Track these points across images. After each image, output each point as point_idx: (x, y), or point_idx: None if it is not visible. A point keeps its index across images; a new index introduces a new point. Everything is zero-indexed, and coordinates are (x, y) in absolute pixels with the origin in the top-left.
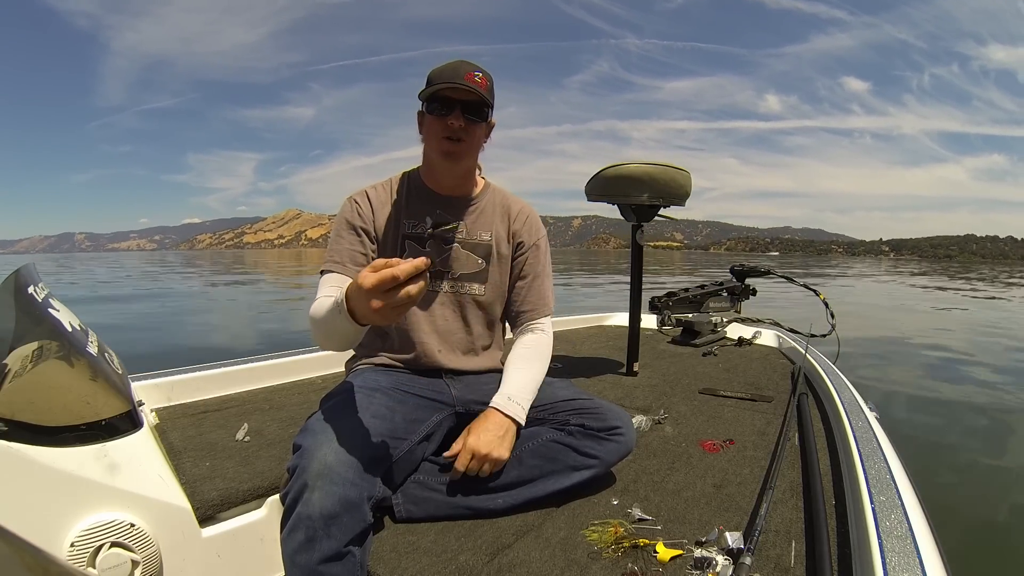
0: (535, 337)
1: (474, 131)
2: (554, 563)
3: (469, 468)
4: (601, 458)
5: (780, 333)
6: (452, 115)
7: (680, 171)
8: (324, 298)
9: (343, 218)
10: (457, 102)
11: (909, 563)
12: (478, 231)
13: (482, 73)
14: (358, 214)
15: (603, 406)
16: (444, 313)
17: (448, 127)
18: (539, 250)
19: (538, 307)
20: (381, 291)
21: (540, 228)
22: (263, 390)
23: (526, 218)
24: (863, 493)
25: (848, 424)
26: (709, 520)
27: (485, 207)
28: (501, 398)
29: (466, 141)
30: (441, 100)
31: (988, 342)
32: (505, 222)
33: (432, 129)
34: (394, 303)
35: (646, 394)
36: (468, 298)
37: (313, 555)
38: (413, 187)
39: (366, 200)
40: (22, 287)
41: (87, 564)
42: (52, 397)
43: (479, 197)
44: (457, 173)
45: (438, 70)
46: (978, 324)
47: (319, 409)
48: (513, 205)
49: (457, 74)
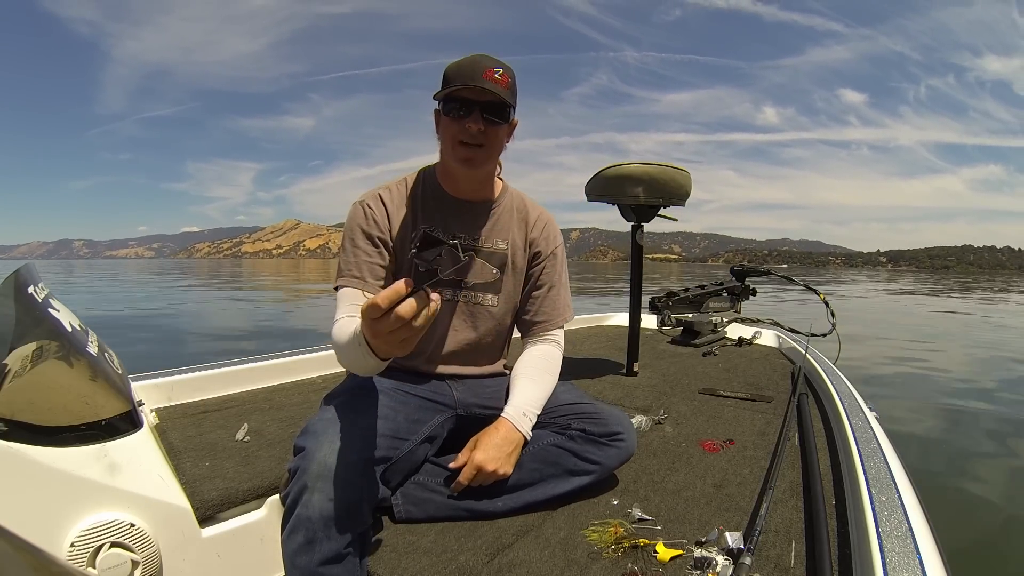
0: (548, 349)
1: (495, 134)
2: (554, 563)
3: (472, 482)
4: (602, 463)
5: (780, 333)
6: (470, 118)
7: (680, 171)
8: (345, 319)
9: (355, 225)
10: (476, 103)
11: (909, 563)
12: (494, 239)
13: (503, 69)
14: (373, 220)
15: (604, 411)
16: (454, 323)
17: (466, 131)
18: (556, 259)
19: (552, 318)
20: (372, 320)
21: (558, 236)
22: (263, 390)
23: (544, 226)
24: (863, 493)
25: (848, 424)
26: (709, 520)
27: (502, 214)
28: (515, 411)
29: (486, 146)
30: (459, 101)
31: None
32: (523, 230)
33: (449, 132)
34: (389, 328)
35: (646, 394)
36: (480, 309)
37: (313, 557)
38: (429, 189)
39: (379, 204)
40: (22, 287)
41: (87, 564)
42: (52, 397)
43: (497, 203)
44: (476, 178)
45: (455, 66)
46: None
47: (320, 410)
48: (531, 212)
49: (476, 72)
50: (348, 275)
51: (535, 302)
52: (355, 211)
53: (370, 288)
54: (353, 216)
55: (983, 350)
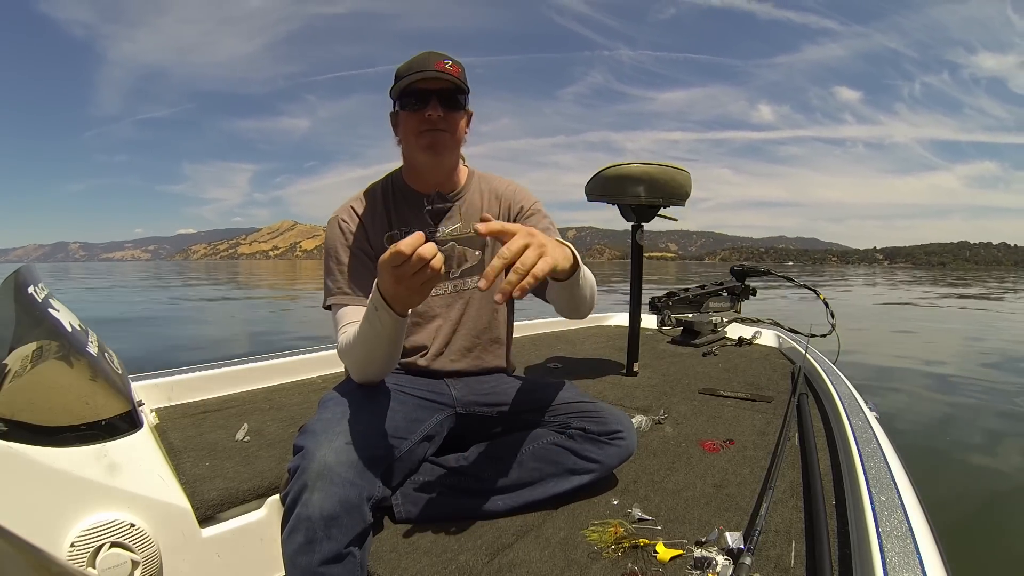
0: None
1: (454, 120)
2: (554, 563)
3: (520, 255)
4: (601, 462)
5: (780, 333)
6: (429, 107)
7: (680, 171)
8: (349, 325)
9: (335, 244)
10: (432, 92)
11: (909, 563)
12: (471, 224)
13: (452, 61)
14: (351, 234)
15: (604, 410)
16: (449, 313)
17: (426, 120)
18: (541, 214)
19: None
20: (394, 268)
21: (531, 197)
22: (263, 390)
23: (515, 191)
24: (863, 493)
25: (848, 424)
26: (709, 520)
27: (472, 198)
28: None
29: (448, 131)
30: (415, 93)
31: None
32: (495, 204)
33: (409, 125)
34: (413, 270)
35: (646, 394)
36: (470, 292)
37: (313, 557)
38: (398, 192)
39: (353, 216)
40: (22, 287)
41: (87, 564)
42: (52, 397)
43: (465, 188)
44: (443, 168)
45: (406, 64)
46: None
47: (319, 409)
48: (499, 186)
49: (427, 64)
50: (339, 292)
51: None
52: (331, 229)
53: (363, 301)
54: (331, 235)
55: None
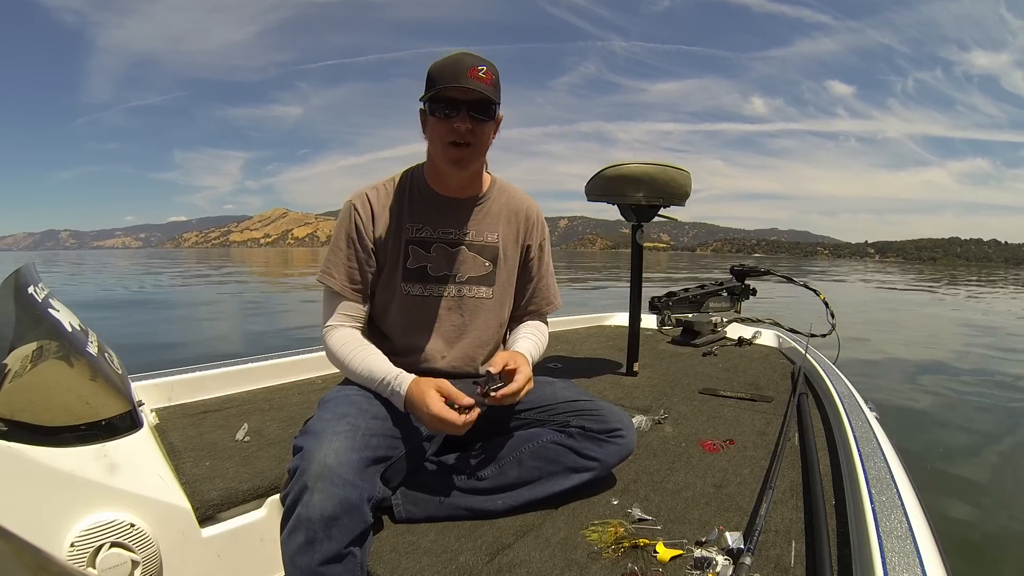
0: (538, 322)
1: (482, 131)
2: (554, 563)
3: (520, 392)
4: (601, 460)
5: (780, 333)
6: (458, 117)
7: (680, 171)
8: (344, 329)
9: (342, 228)
10: (463, 103)
11: (909, 563)
12: (485, 233)
13: (486, 67)
14: (359, 223)
15: (604, 408)
16: (450, 318)
17: (454, 130)
18: (543, 251)
19: (542, 306)
20: (442, 422)
21: (544, 227)
22: (263, 390)
23: (533, 218)
24: (863, 493)
25: (848, 424)
26: (709, 520)
27: (491, 207)
28: (526, 352)
29: (474, 145)
30: (445, 101)
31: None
32: (512, 223)
33: (437, 132)
34: (451, 429)
35: (646, 394)
36: (475, 302)
37: (313, 557)
38: (416, 188)
39: (367, 204)
40: (22, 287)
41: (87, 564)
42: (52, 397)
43: (485, 197)
44: (465, 176)
45: (439, 66)
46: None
47: (319, 410)
48: (519, 204)
49: (460, 71)
50: (330, 275)
51: (527, 293)
52: (344, 213)
53: (348, 294)
54: (342, 218)
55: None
